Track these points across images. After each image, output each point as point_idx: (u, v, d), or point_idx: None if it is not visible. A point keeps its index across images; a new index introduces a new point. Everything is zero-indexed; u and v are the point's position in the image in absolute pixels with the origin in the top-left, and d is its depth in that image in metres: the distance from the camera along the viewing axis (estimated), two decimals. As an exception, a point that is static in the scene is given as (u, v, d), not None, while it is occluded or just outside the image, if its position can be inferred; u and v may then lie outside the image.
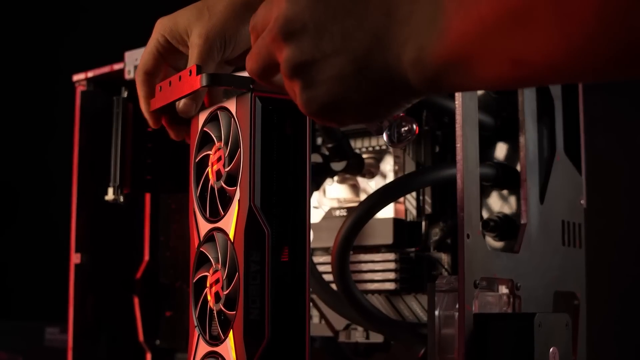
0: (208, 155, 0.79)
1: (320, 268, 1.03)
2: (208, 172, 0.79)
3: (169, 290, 1.31)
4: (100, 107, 1.22)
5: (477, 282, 0.86)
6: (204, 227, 0.79)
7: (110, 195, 1.05)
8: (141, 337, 1.28)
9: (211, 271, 0.77)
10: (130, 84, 1.19)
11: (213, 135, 0.79)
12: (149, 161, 1.10)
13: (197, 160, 0.81)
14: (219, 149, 0.78)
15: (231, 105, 0.76)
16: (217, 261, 0.77)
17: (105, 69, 1.22)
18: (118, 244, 1.29)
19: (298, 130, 0.76)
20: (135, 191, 1.08)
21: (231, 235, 0.75)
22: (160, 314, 1.30)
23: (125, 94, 1.09)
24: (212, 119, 0.79)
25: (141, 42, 1.21)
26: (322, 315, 1.07)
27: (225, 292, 0.75)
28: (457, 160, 0.87)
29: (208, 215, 0.79)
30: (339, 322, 1.05)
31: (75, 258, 1.22)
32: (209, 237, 0.78)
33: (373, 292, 1.02)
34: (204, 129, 0.80)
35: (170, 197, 1.30)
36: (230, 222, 0.75)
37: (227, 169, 0.76)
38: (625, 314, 1.49)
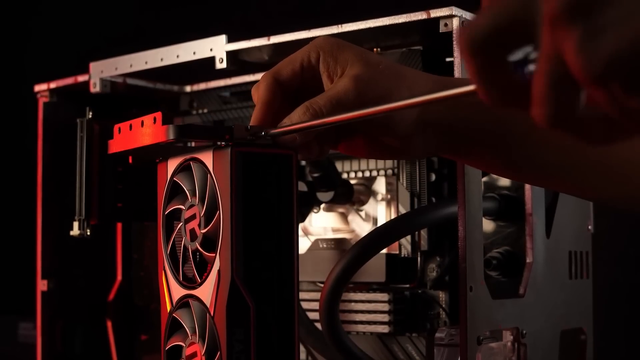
0: (180, 209, 0.70)
1: (305, 305, 0.95)
2: (181, 229, 0.70)
3: (144, 313, 1.22)
4: (64, 121, 1.12)
5: (481, 339, 0.78)
6: (177, 290, 0.70)
7: (75, 231, 0.95)
8: (115, 363, 1.20)
9: (186, 342, 0.69)
10: (96, 101, 1.09)
11: (185, 189, 0.69)
12: (119, 187, 1.00)
13: (166, 212, 0.72)
14: (192, 205, 0.69)
15: (206, 158, 0.67)
16: (193, 332, 0.68)
17: (69, 80, 1.12)
18: (88, 265, 1.19)
19: (284, 188, 0.66)
20: (104, 222, 0.98)
21: (210, 308, 0.66)
22: (135, 338, 1.22)
23: (90, 115, 0.98)
24: (184, 169, 0.70)
25: (108, 53, 1.10)
26: (309, 352, 0.99)
27: (203, 371, 0.67)
28: (458, 205, 0.78)
29: (181, 279, 0.70)
30: (327, 360, 0.97)
31: (42, 285, 1.13)
32: (184, 304, 0.70)
33: (364, 332, 0.93)
34: (174, 178, 0.71)
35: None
36: (208, 293, 0.66)
37: (203, 231, 0.67)
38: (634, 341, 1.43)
